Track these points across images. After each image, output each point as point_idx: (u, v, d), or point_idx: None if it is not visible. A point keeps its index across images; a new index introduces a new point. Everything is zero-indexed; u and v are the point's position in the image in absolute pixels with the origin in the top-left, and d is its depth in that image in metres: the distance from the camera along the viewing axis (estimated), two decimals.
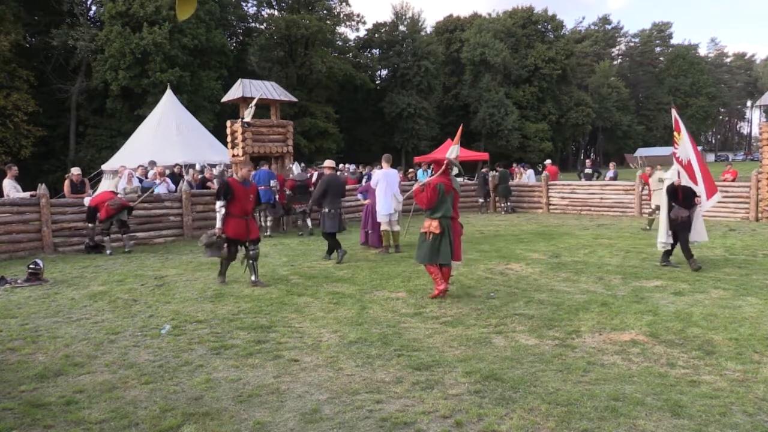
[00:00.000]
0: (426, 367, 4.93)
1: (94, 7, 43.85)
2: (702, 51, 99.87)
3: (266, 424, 3.91)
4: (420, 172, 23.52)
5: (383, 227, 11.43)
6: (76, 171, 13.66)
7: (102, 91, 39.88)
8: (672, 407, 4.02)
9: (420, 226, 7.79)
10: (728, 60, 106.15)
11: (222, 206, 8.20)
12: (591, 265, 9.60)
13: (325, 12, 55.76)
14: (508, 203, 19.96)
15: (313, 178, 15.06)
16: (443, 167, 7.80)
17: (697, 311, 6.49)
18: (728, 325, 5.94)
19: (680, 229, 9.22)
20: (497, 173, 20.53)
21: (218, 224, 8.22)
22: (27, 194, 12.61)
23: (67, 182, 13.25)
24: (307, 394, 4.41)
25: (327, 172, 11.28)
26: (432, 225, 7.51)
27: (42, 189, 12.14)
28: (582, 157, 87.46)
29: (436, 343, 5.63)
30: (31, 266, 9.12)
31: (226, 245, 8.40)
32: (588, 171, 21.46)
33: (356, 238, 13.17)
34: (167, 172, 15.86)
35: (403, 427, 3.84)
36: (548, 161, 25.18)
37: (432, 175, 8.04)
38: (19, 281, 8.93)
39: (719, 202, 15.99)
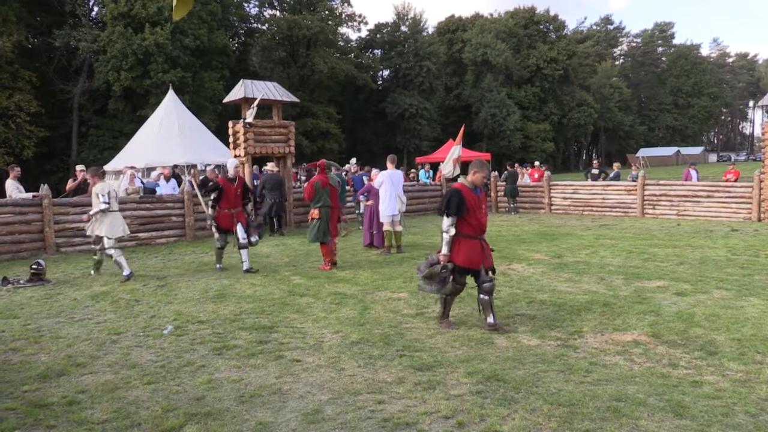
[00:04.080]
0: (428, 367, 4.93)
1: (96, 8, 43.94)
2: (704, 51, 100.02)
3: (268, 425, 3.91)
4: (422, 172, 23.56)
5: (386, 227, 11.43)
6: (80, 168, 13.70)
7: (104, 92, 39.97)
8: (674, 408, 4.01)
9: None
10: (730, 60, 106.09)
11: (451, 225, 5.97)
12: (593, 265, 9.58)
13: (327, 12, 55.82)
14: (514, 203, 19.96)
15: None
16: (320, 168, 10.11)
17: (700, 312, 6.48)
18: (731, 325, 5.93)
19: None
20: (507, 172, 20.61)
21: (444, 249, 6.01)
22: (29, 195, 12.64)
23: (70, 181, 13.28)
24: (309, 395, 4.41)
25: (269, 171, 15.00)
26: (314, 213, 9.80)
27: (44, 189, 12.17)
28: (584, 158, 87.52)
29: (438, 343, 5.62)
30: (33, 266, 9.14)
31: (452, 277, 6.15)
32: (595, 171, 21.51)
33: (357, 239, 13.17)
34: (170, 173, 15.91)
35: (405, 427, 3.84)
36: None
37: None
38: (21, 281, 8.94)
39: (720, 202, 16.17)
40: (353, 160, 19.68)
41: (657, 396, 4.23)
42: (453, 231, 5.96)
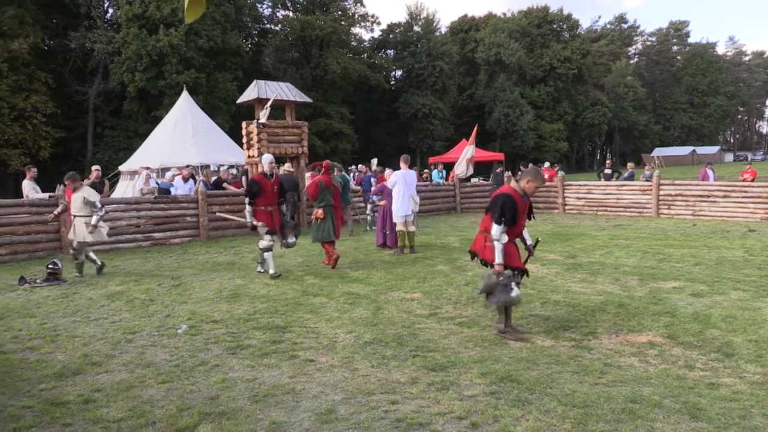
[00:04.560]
0: (441, 367, 4.92)
1: (111, 10, 44.34)
2: (720, 50, 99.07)
3: (282, 424, 3.92)
4: (435, 172, 23.53)
5: (399, 228, 11.42)
6: (95, 168, 13.81)
7: (119, 93, 40.35)
8: (690, 410, 3.97)
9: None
10: (747, 58, 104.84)
11: (503, 233, 5.73)
12: (607, 265, 9.51)
13: (339, 13, 55.95)
14: None
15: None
16: (325, 169, 10.29)
17: (716, 313, 6.41)
18: (748, 327, 5.86)
19: None
20: (520, 173, 20.55)
21: (498, 258, 5.71)
22: (46, 195, 12.77)
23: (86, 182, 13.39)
24: (322, 395, 4.42)
25: (285, 171, 14.43)
26: (318, 212, 9.96)
27: (60, 190, 12.29)
28: (598, 158, 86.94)
29: (452, 343, 5.61)
30: (50, 266, 9.24)
31: (514, 283, 5.82)
32: (607, 171, 21.33)
33: (370, 239, 13.17)
34: (189, 174, 16.04)
35: (418, 427, 3.83)
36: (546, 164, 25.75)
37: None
38: (38, 281, 9.04)
39: (737, 202, 15.99)
40: (374, 161, 19.75)
41: (673, 398, 4.19)
42: (506, 238, 5.74)
